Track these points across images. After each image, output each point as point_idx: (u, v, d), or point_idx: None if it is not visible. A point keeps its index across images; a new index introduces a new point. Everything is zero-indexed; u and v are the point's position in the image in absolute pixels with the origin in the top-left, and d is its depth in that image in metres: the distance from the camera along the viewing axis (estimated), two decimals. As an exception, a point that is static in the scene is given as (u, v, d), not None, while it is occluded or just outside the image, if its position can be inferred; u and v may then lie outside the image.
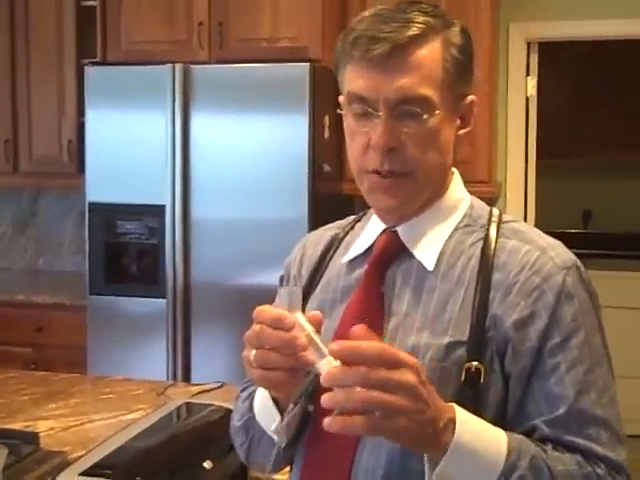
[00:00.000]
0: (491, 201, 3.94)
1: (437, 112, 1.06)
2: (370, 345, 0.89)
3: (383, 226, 1.15)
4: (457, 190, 1.16)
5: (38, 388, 2.22)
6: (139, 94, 3.28)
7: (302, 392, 0.98)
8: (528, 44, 3.81)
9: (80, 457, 1.68)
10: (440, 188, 1.13)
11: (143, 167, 3.27)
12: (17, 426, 1.90)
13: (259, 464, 1.22)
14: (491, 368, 1.02)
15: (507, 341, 1.03)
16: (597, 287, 1.12)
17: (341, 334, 1.10)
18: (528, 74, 3.82)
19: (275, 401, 1.10)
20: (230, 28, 3.40)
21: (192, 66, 3.23)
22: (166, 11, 3.47)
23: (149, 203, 3.26)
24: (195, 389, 2.22)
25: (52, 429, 1.90)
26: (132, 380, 2.33)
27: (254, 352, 0.97)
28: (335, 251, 1.21)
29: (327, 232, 1.26)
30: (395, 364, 0.88)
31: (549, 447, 1.00)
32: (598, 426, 1.02)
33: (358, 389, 0.86)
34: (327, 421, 0.87)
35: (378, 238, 1.15)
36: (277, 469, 1.22)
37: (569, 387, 1.01)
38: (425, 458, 0.96)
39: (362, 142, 1.08)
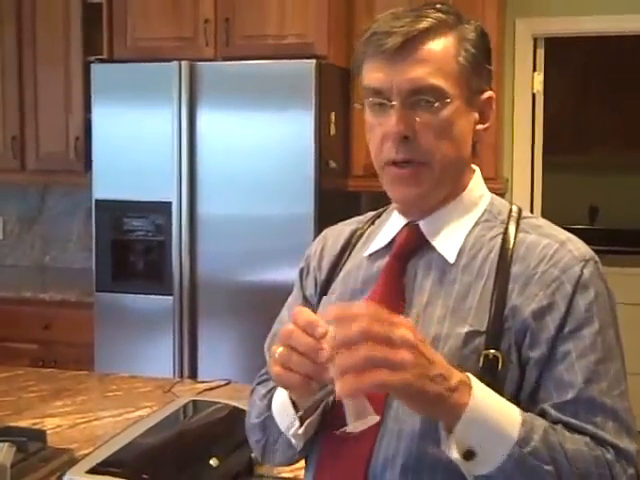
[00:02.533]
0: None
1: (449, 101, 1.08)
2: (364, 305, 0.94)
3: (404, 221, 1.17)
4: (478, 187, 1.18)
5: (45, 385, 2.23)
6: (145, 91, 3.29)
7: (316, 404, 1.00)
8: (535, 40, 3.80)
9: (87, 454, 1.68)
10: (459, 183, 1.15)
11: (150, 164, 3.27)
12: (24, 423, 1.90)
13: (275, 461, 1.23)
14: (508, 358, 1.04)
15: (525, 330, 1.05)
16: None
17: None
18: (535, 70, 3.81)
19: (293, 402, 1.11)
20: (236, 25, 3.40)
21: (198, 63, 3.23)
22: (172, 8, 3.47)
23: (156, 200, 3.27)
24: (202, 386, 2.22)
25: (59, 426, 1.91)
26: (139, 377, 2.34)
27: (280, 349, 0.99)
28: (355, 245, 1.24)
29: (347, 227, 1.28)
30: (392, 320, 0.92)
31: (559, 427, 1.01)
32: (606, 415, 1.02)
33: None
34: (339, 386, 0.89)
35: (400, 232, 1.17)
36: (294, 463, 1.25)
37: (579, 374, 1.03)
38: (441, 428, 0.97)
39: (379, 135, 1.11)
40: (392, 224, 1.19)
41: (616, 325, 1.09)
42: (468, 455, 0.96)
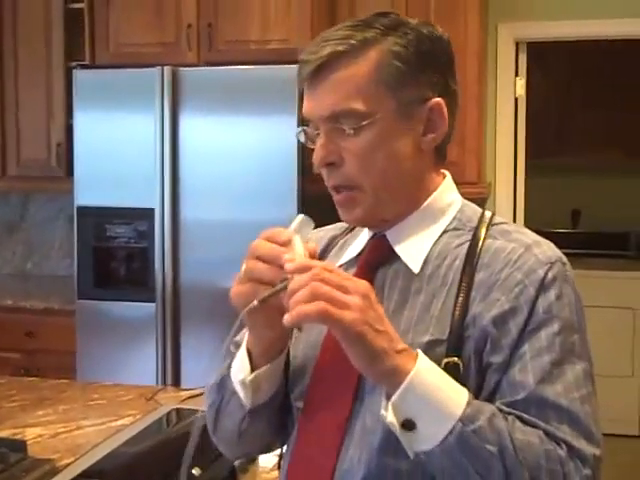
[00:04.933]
0: (480, 201, 3.95)
1: (370, 122, 1.06)
2: (325, 262, 0.98)
3: (373, 232, 1.17)
4: (446, 194, 1.15)
5: (26, 394, 2.20)
6: (128, 97, 3.27)
7: (269, 293, 1.00)
8: (517, 44, 3.82)
9: (69, 464, 1.68)
10: (419, 193, 1.13)
11: (132, 170, 3.26)
12: (5, 433, 1.88)
13: (225, 432, 1.19)
14: (468, 365, 1.03)
15: (485, 337, 1.03)
16: (586, 286, 1.11)
17: (331, 339, 1.10)
18: (517, 74, 3.83)
19: (250, 356, 1.11)
20: (219, 30, 3.40)
21: (181, 68, 3.23)
22: (154, 13, 3.46)
23: (138, 206, 3.25)
24: (184, 394, 2.21)
25: (40, 436, 1.89)
26: (121, 385, 2.32)
27: (244, 266, 1.03)
28: (330, 252, 1.23)
29: (328, 232, 1.28)
30: (349, 277, 0.97)
31: (510, 418, 0.99)
32: (561, 416, 0.99)
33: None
34: (286, 316, 0.93)
35: (369, 242, 1.16)
36: (243, 449, 1.23)
37: (531, 374, 1.01)
38: (383, 393, 0.97)
39: None
40: (364, 234, 1.19)
41: (582, 329, 1.06)
42: (407, 425, 0.96)
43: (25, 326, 3.53)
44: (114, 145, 3.28)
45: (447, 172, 1.18)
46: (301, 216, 1.08)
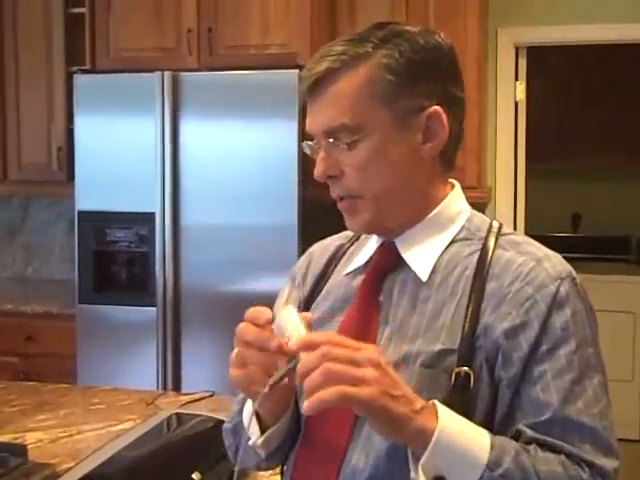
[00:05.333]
0: (481, 206, 3.94)
1: (364, 135, 1.07)
2: (329, 334, 0.97)
3: (381, 240, 1.18)
4: (455, 203, 1.16)
5: (27, 399, 2.20)
6: (128, 101, 3.28)
7: (278, 377, 0.99)
8: (516, 49, 3.82)
9: (69, 469, 1.67)
10: (425, 202, 1.14)
11: (132, 175, 3.26)
12: (5, 438, 1.88)
13: (247, 465, 1.25)
14: (480, 376, 1.03)
15: (497, 349, 1.04)
16: (587, 291, 1.12)
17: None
18: (517, 79, 3.84)
19: (257, 416, 1.12)
20: (219, 35, 3.40)
21: (181, 73, 3.23)
22: (155, 18, 3.46)
23: (139, 211, 3.26)
24: (185, 399, 2.21)
25: (40, 441, 1.89)
26: (121, 390, 2.32)
27: (235, 350, 1.02)
28: (339, 261, 1.24)
29: (334, 242, 1.28)
30: (357, 346, 0.94)
31: (532, 447, 1.00)
32: (583, 434, 1.01)
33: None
34: (306, 405, 0.91)
35: (377, 250, 1.17)
36: (266, 469, 1.27)
37: (555, 394, 1.02)
38: (409, 454, 0.97)
39: None
40: (372, 242, 1.19)
41: (596, 341, 1.07)
42: None
43: (25, 330, 3.53)
44: (115, 150, 3.28)
45: (456, 182, 1.19)
46: (286, 289, 1.09)
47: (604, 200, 5.42)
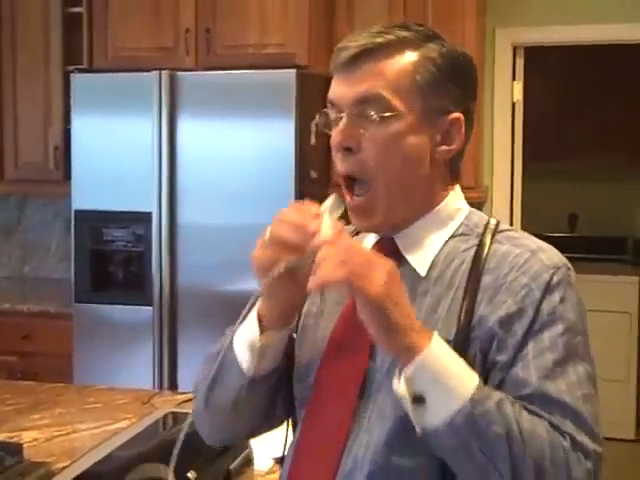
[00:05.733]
0: (478, 206, 3.95)
1: (397, 115, 1.08)
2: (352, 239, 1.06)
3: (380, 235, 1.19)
4: (455, 201, 1.17)
5: (23, 398, 2.20)
6: (126, 101, 3.28)
7: (297, 261, 1.03)
8: (514, 49, 3.83)
9: (64, 468, 1.68)
10: (428, 201, 1.15)
11: (129, 174, 3.26)
12: (1, 437, 1.88)
13: (218, 406, 1.19)
14: (473, 365, 1.04)
15: (492, 338, 1.05)
16: (582, 291, 1.13)
17: (337, 337, 1.14)
18: (514, 79, 3.84)
19: (260, 322, 1.12)
20: (217, 35, 3.40)
21: (179, 73, 3.23)
22: (153, 18, 3.46)
23: (135, 210, 3.26)
24: (181, 397, 2.21)
25: (36, 439, 1.89)
26: (117, 389, 2.32)
27: (269, 231, 1.05)
28: None
29: None
30: (374, 254, 1.02)
31: (518, 405, 1.00)
32: (565, 412, 1.01)
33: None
34: (310, 280, 0.98)
35: (375, 245, 1.18)
36: (230, 429, 1.22)
37: (534, 372, 1.02)
38: (397, 369, 1.00)
39: (332, 147, 1.13)
40: (370, 237, 1.20)
41: (585, 333, 1.08)
42: (417, 400, 0.98)
43: (22, 329, 3.53)
44: (112, 149, 3.28)
45: (457, 185, 1.20)
46: (333, 196, 1.09)
47: (601, 200, 5.43)
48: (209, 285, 3.21)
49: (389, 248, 1.14)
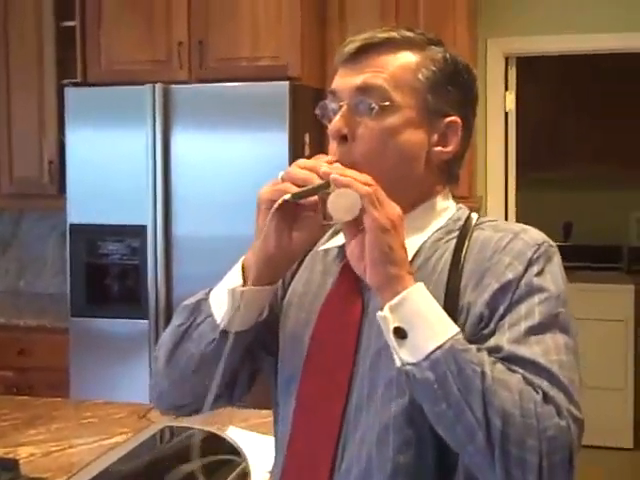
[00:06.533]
0: (472, 216, 3.88)
1: (395, 108, 1.10)
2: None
3: None
4: (443, 201, 1.18)
5: (19, 413, 2.19)
6: (119, 114, 3.28)
7: (306, 189, 1.04)
8: (506, 59, 3.85)
9: (61, 483, 1.67)
10: (418, 199, 1.16)
11: (124, 187, 3.26)
12: (-3, 453, 1.88)
13: (182, 360, 1.16)
14: None
15: (480, 319, 1.05)
16: (578, 299, 1.13)
17: (319, 333, 1.14)
18: (507, 89, 3.86)
19: (244, 272, 1.13)
20: (210, 47, 3.41)
21: (172, 86, 3.24)
22: (146, 31, 3.47)
23: (130, 223, 3.26)
24: (177, 411, 2.20)
25: (33, 455, 1.88)
26: (113, 403, 2.31)
27: (282, 173, 1.08)
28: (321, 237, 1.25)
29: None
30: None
31: (493, 357, 1.00)
32: (539, 371, 0.99)
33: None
34: (334, 175, 1.03)
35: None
36: (189, 389, 1.17)
37: (507, 338, 1.02)
38: (382, 301, 1.02)
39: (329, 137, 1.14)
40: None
41: (567, 305, 1.07)
42: (399, 332, 0.99)
43: (18, 344, 3.52)
44: (106, 162, 3.29)
45: (446, 187, 1.20)
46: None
47: (595, 209, 5.44)
48: (205, 297, 3.20)
49: None
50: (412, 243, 1.12)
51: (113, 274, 3.33)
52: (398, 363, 1.01)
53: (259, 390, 1.29)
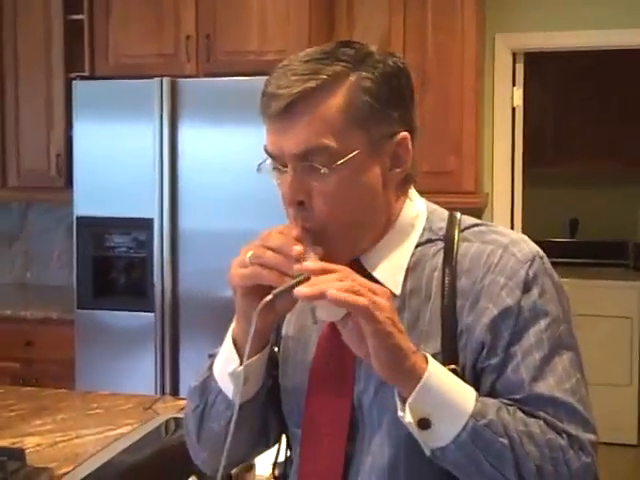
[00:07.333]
0: (478, 212, 3.95)
1: (342, 162, 1.03)
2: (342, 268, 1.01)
3: None
4: (410, 209, 1.14)
5: (25, 404, 2.21)
6: (127, 108, 3.29)
7: (286, 287, 1.00)
8: (514, 55, 3.84)
9: (67, 473, 1.69)
10: (388, 219, 1.12)
11: (131, 181, 3.27)
12: (3, 443, 1.89)
13: (211, 437, 1.17)
14: (463, 373, 1.05)
15: (482, 346, 1.06)
16: (583, 296, 1.14)
17: (318, 367, 1.14)
18: (514, 84, 3.85)
19: (236, 347, 1.11)
20: (217, 41, 3.42)
21: (180, 80, 3.24)
22: (154, 25, 3.48)
23: (137, 216, 3.27)
24: (183, 403, 2.20)
25: (39, 445, 1.89)
26: (119, 395, 2.32)
27: (250, 253, 1.03)
28: None
29: None
30: (368, 282, 1.00)
31: (512, 408, 1.02)
32: (558, 408, 1.03)
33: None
34: (331, 293, 0.95)
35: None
36: (227, 455, 1.15)
37: (525, 374, 1.04)
38: (396, 395, 1.00)
39: (283, 195, 1.10)
40: None
41: (567, 319, 1.08)
42: (423, 424, 0.99)
43: (24, 336, 3.54)
44: (113, 156, 3.29)
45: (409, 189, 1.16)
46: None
47: (601, 205, 5.43)
48: (210, 291, 3.21)
49: (356, 270, 1.06)
50: (396, 269, 1.10)
51: (119, 267, 3.34)
52: (427, 451, 1.01)
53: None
